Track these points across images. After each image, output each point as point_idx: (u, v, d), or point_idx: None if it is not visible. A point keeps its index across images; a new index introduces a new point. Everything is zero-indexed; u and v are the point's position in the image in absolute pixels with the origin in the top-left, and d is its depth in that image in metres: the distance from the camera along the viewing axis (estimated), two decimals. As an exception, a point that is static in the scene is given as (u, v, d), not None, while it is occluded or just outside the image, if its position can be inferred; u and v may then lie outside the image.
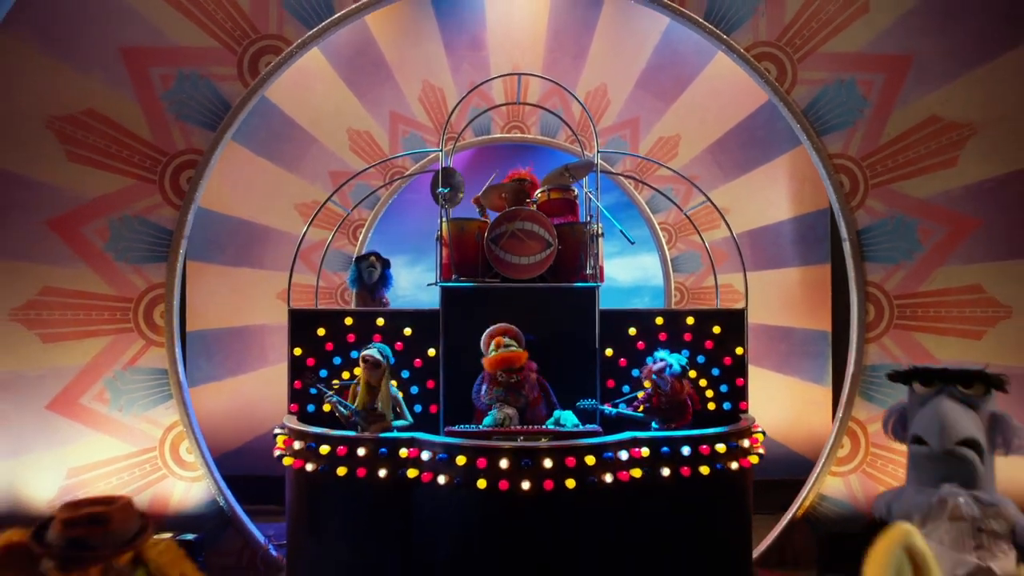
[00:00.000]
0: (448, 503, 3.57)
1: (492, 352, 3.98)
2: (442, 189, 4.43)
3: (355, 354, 4.30)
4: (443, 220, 4.44)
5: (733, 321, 4.48)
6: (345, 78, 6.35)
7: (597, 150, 4.71)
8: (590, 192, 4.63)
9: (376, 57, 6.37)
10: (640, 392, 4.21)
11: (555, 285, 4.35)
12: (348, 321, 4.41)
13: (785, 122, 5.31)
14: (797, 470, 5.51)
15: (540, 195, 4.72)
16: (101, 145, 4.81)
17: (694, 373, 4.37)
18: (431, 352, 4.37)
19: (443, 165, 4.57)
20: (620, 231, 4.48)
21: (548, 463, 3.43)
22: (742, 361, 4.46)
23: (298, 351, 4.38)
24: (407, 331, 4.39)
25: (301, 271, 4.88)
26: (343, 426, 3.87)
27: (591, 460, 3.48)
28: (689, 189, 5.78)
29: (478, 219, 4.61)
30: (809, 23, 5.02)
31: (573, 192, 4.75)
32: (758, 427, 4.13)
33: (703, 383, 4.44)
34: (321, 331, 4.38)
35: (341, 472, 3.71)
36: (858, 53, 5.00)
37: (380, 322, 4.41)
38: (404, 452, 3.67)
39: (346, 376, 4.31)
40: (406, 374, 4.35)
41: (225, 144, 4.95)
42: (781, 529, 4.99)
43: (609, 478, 3.52)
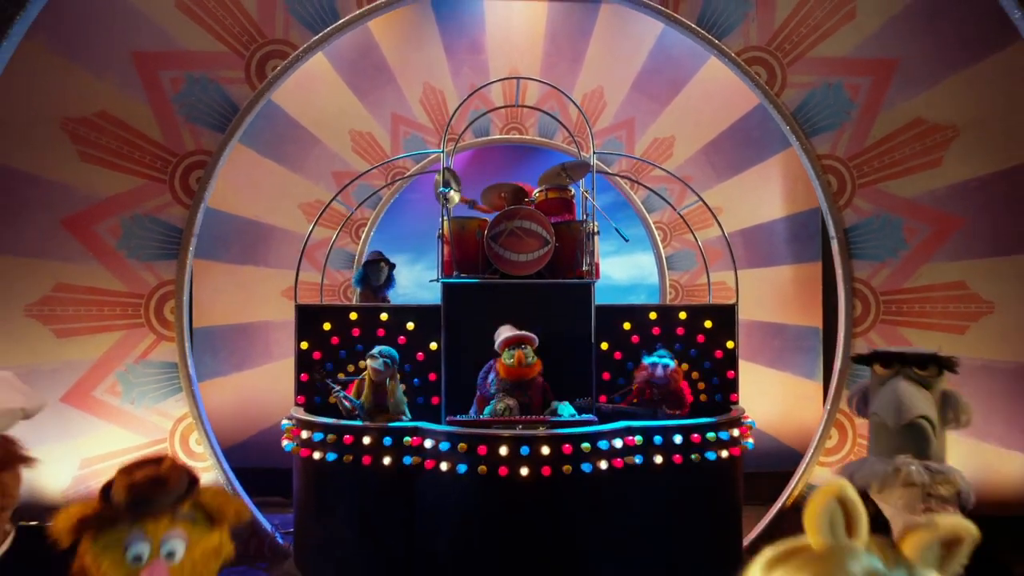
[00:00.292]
0: (450, 488, 3.72)
1: (508, 357, 4.05)
2: (443, 189, 4.59)
3: (359, 348, 4.47)
4: (444, 219, 4.60)
5: (724, 316, 4.64)
6: (348, 81, 6.51)
7: (593, 151, 4.86)
8: (586, 191, 4.79)
9: (378, 60, 6.52)
10: (634, 385, 4.35)
11: (553, 281, 4.50)
12: (353, 316, 4.56)
13: (777, 124, 5.46)
14: (788, 463, 5.65)
15: (538, 194, 4.87)
16: (113, 146, 4.94)
17: (686, 366, 4.52)
18: (433, 346, 4.53)
19: (444, 165, 4.73)
20: (615, 229, 4.63)
21: (546, 450, 3.59)
22: (733, 354, 4.61)
23: (304, 345, 4.53)
24: (410, 326, 4.54)
25: (305, 268, 5.02)
26: (347, 418, 4.01)
27: (587, 447, 3.63)
28: (684, 188, 5.92)
29: (478, 217, 4.75)
30: (798, 28, 5.17)
31: (570, 192, 4.90)
32: (748, 417, 4.29)
33: (695, 376, 4.60)
34: (327, 326, 4.53)
35: (347, 460, 3.87)
36: (845, 57, 5.16)
37: (384, 317, 4.56)
38: (408, 440, 3.82)
39: (351, 369, 4.47)
40: (408, 367, 4.50)
41: (233, 145, 5.09)
42: (771, 518, 5.15)
43: (604, 465, 3.67)
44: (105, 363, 4.96)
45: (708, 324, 4.61)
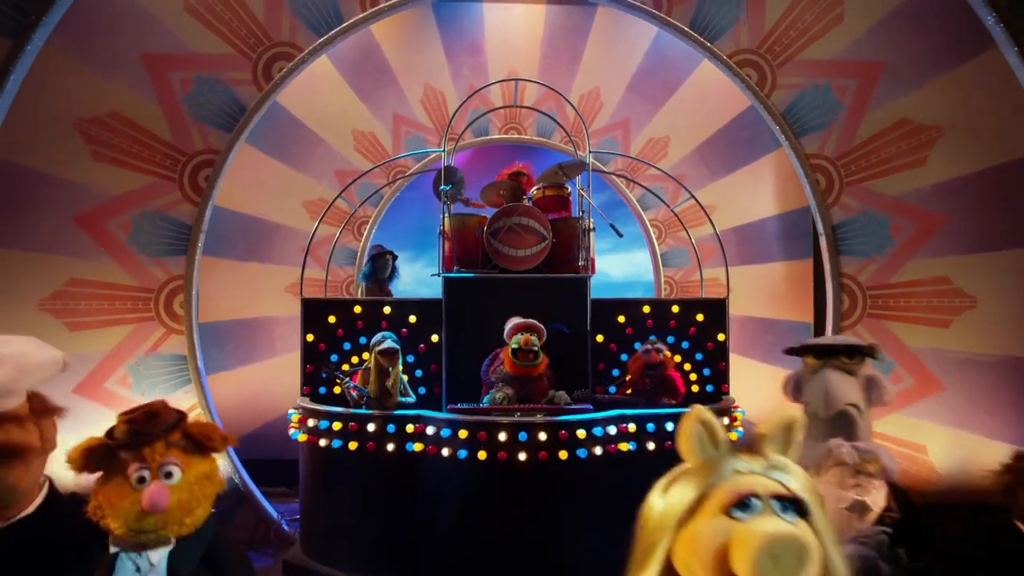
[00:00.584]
0: (451, 473, 3.88)
1: (515, 342, 4.15)
2: (444, 187, 4.74)
3: (363, 340, 4.62)
4: (445, 215, 4.75)
5: (715, 309, 4.79)
6: (350, 82, 6.65)
7: (588, 150, 5.02)
8: (582, 189, 4.95)
9: (380, 62, 6.66)
10: (627, 376, 4.51)
11: (550, 276, 4.64)
12: (357, 309, 4.70)
13: (768, 124, 5.61)
14: (779, 453, 5.82)
15: (536, 192, 5.03)
16: (124, 145, 5.11)
17: (679, 358, 4.68)
18: (434, 338, 4.67)
19: (445, 164, 4.88)
20: (610, 225, 4.78)
21: (543, 436, 3.75)
22: (723, 347, 4.77)
23: (310, 337, 4.67)
24: (412, 318, 4.69)
25: (308, 265, 5.15)
26: (355, 407, 4.17)
27: (582, 434, 3.79)
28: (678, 187, 6.07)
29: (478, 214, 4.90)
30: (787, 32, 5.34)
31: (566, 189, 5.06)
32: (738, 407, 4.46)
33: (687, 367, 4.76)
34: (332, 319, 4.68)
35: (352, 447, 4.03)
36: (833, 60, 5.33)
37: (387, 310, 4.71)
38: (410, 428, 3.98)
39: (356, 360, 4.62)
40: (411, 358, 4.65)
41: (240, 144, 5.25)
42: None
43: (599, 451, 3.83)
44: (116, 355, 5.12)
45: (700, 317, 4.75)
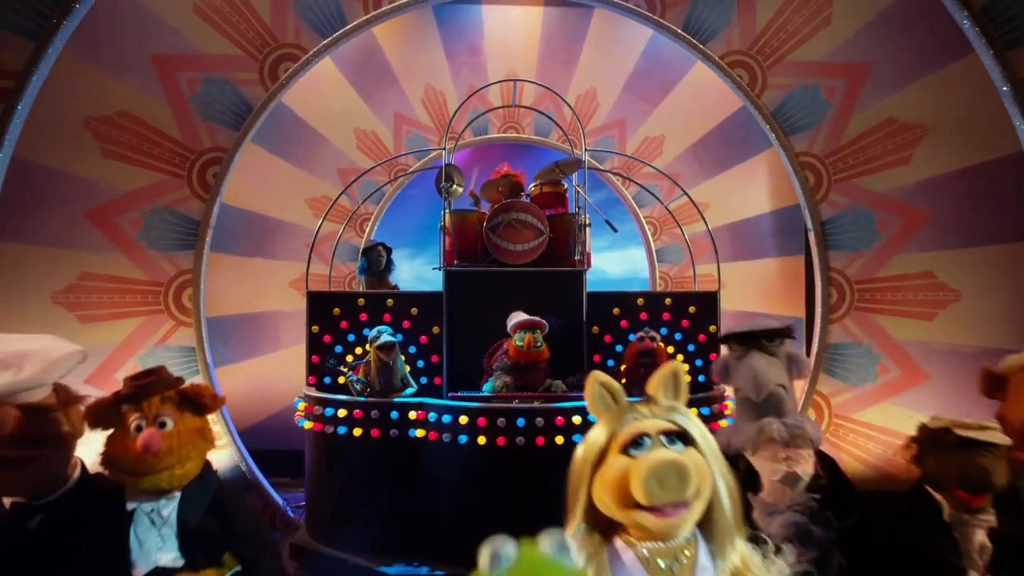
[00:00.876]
0: (452, 458, 4.04)
1: (519, 340, 4.30)
2: (445, 184, 4.90)
3: (367, 332, 4.78)
4: (446, 211, 4.91)
5: (707, 302, 4.94)
6: (353, 82, 6.81)
7: (584, 148, 5.18)
8: (579, 186, 5.11)
9: (382, 63, 6.82)
10: (622, 366, 4.67)
11: (547, 269, 4.80)
12: (361, 302, 4.87)
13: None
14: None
15: (533, 188, 5.19)
16: (134, 143, 5.26)
17: (671, 349, 4.84)
18: (435, 330, 4.83)
19: (446, 162, 5.04)
20: (605, 220, 4.95)
21: (540, 422, 3.91)
22: (715, 338, 4.93)
23: (315, 329, 4.84)
24: (414, 311, 4.85)
25: (311, 261, 5.30)
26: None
27: (578, 420, 3.94)
28: (673, 184, 6.24)
29: (477, 210, 5.07)
30: (777, 34, 5.50)
31: (563, 186, 5.22)
32: (728, 396, 4.62)
33: (680, 358, 4.92)
34: (336, 311, 4.84)
35: (357, 433, 4.20)
36: (821, 61, 5.49)
37: (390, 303, 4.87)
38: (413, 414, 4.15)
39: (359, 352, 4.78)
40: (413, 349, 4.81)
41: (247, 143, 5.40)
42: (752, 493, 5.47)
43: (593, 436, 3.99)
44: (127, 347, 5.27)
45: (692, 309, 4.90)
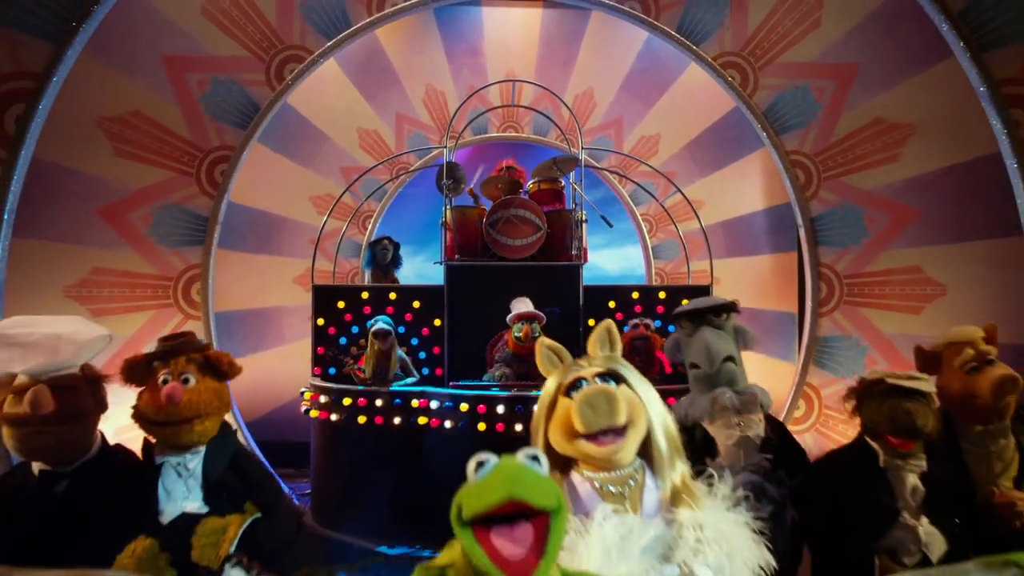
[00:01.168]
0: (453, 444, 4.19)
1: (517, 330, 4.42)
2: (446, 181, 5.06)
3: (370, 324, 4.93)
4: (447, 208, 5.07)
5: (700, 295, 5.05)
6: (355, 82, 6.96)
7: (581, 147, 5.34)
8: (575, 183, 5.26)
9: (384, 64, 6.97)
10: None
11: (545, 263, 4.95)
12: (364, 295, 5.03)
13: (753, 123, 5.94)
14: (762, 435, 6.14)
15: (531, 185, 5.35)
16: (145, 142, 5.42)
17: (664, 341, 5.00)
18: (437, 322, 4.99)
19: (447, 160, 5.19)
20: (601, 216, 5.10)
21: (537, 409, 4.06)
22: (707, 330, 5.08)
23: (321, 321, 4.99)
24: (416, 304, 5.01)
25: (315, 257, 5.47)
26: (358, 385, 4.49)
27: (574, 407, 4.10)
28: (668, 182, 6.39)
29: (477, 207, 5.23)
30: (768, 36, 5.66)
31: (560, 183, 5.38)
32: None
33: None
34: (341, 304, 5.00)
35: (361, 420, 4.36)
36: (811, 62, 5.66)
37: (392, 296, 5.03)
38: (416, 403, 4.31)
39: (363, 343, 4.93)
40: (415, 341, 4.97)
41: (254, 141, 5.56)
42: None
43: (589, 422, 4.14)
44: (138, 340, 5.42)
45: (685, 303, 5.02)
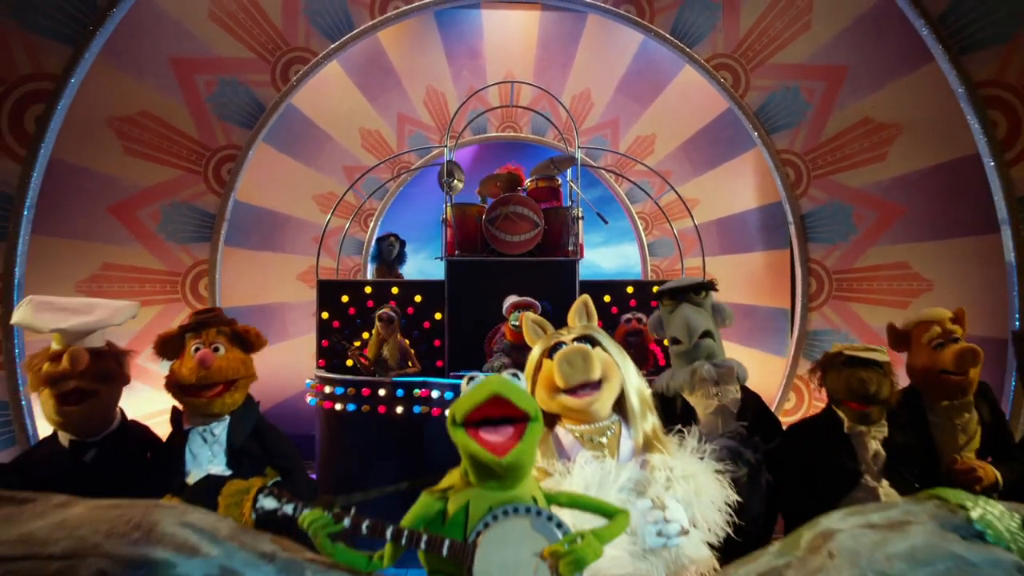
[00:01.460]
0: (453, 432, 4.35)
1: (514, 320, 4.50)
2: (447, 179, 5.21)
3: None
4: (448, 205, 5.22)
5: (692, 290, 5.26)
6: (358, 83, 7.10)
7: (578, 146, 5.49)
8: (572, 182, 5.42)
9: (385, 65, 7.11)
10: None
11: (542, 259, 5.09)
12: (368, 290, 5.18)
13: (745, 123, 6.10)
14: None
15: (529, 183, 5.50)
16: (154, 141, 5.56)
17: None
18: (437, 316, 5.14)
19: (447, 159, 5.35)
20: (596, 213, 5.26)
21: (535, 398, 4.22)
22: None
23: (325, 315, 5.15)
24: (417, 298, 5.16)
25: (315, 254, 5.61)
26: (361, 375, 4.65)
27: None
28: (663, 181, 6.54)
29: (477, 204, 5.38)
30: (760, 38, 5.82)
31: (557, 181, 5.53)
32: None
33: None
34: (345, 298, 5.15)
35: (365, 410, 4.51)
36: (802, 64, 5.81)
37: (395, 291, 5.18)
38: (417, 392, 4.46)
39: (366, 336, 5.09)
40: (417, 333, 5.13)
41: (260, 141, 5.71)
42: (737, 472, 5.79)
43: (584, 411, 4.30)
44: (147, 334, 5.55)
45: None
